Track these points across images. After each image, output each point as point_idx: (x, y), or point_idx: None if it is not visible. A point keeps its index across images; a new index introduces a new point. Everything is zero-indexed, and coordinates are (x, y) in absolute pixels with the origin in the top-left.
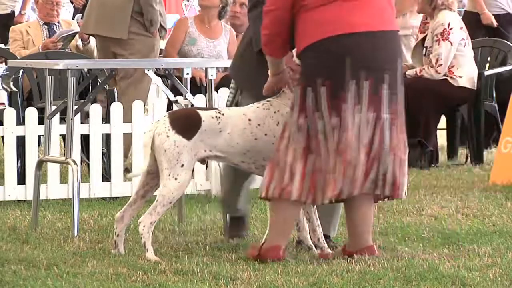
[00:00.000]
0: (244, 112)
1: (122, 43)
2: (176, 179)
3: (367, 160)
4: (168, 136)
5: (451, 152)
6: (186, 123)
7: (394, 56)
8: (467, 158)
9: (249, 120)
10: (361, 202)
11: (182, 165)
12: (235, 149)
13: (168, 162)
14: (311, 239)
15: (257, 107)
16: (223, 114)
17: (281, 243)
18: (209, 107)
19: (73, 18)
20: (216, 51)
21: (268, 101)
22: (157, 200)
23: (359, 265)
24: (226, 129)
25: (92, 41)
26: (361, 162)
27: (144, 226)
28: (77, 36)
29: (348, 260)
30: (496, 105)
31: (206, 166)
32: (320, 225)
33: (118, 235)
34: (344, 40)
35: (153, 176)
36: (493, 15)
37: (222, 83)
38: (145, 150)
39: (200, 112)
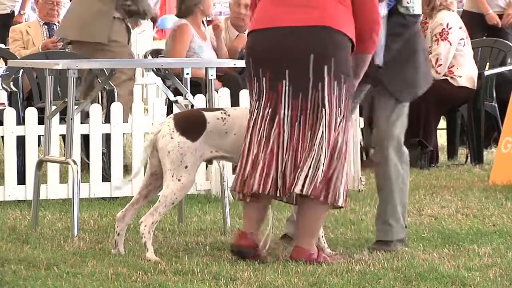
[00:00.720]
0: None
1: (101, 48)
2: (179, 180)
3: (269, 157)
4: (172, 138)
5: (451, 152)
6: (190, 125)
7: (301, 52)
8: (467, 158)
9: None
10: (303, 202)
11: (186, 167)
12: (241, 149)
13: (171, 164)
14: None
15: None
16: (228, 115)
17: (247, 229)
18: (215, 107)
19: None
20: (212, 52)
21: None
22: (159, 201)
23: (359, 265)
24: (233, 130)
25: None
26: (261, 158)
27: (145, 226)
28: None
29: (348, 260)
30: (496, 105)
31: (206, 166)
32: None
33: (118, 234)
34: (251, 36)
35: (157, 177)
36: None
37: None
38: (145, 152)
39: (205, 113)
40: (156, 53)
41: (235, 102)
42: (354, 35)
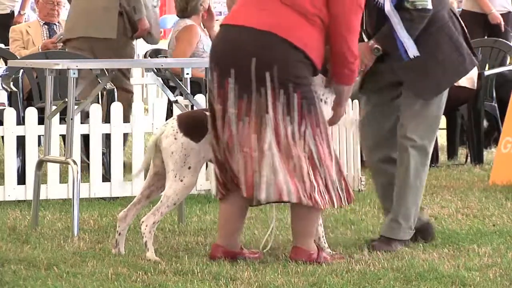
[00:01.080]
0: None
1: (110, 43)
2: (182, 180)
3: (223, 156)
4: (176, 139)
5: (451, 152)
6: (194, 126)
7: (246, 53)
8: (467, 158)
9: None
10: (294, 206)
11: (189, 167)
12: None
13: (174, 164)
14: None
15: None
16: None
17: (220, 242)
18: None
19: None
20: None
21: None
22: (161, 201)
23: (359, 265)
24: None
25: None
26: (220, 157)
27: (146, 226)
28: None
29: (348, 260)
30: (496, 105)
31: (206, 166)
32: (322, 225)
33: (119, 234)
34: (218, 31)
35: (159, 177)
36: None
37: None
38: (148, 152)
39: (208, 114)
40: (156, 53)
41: None
42: (315, 53)
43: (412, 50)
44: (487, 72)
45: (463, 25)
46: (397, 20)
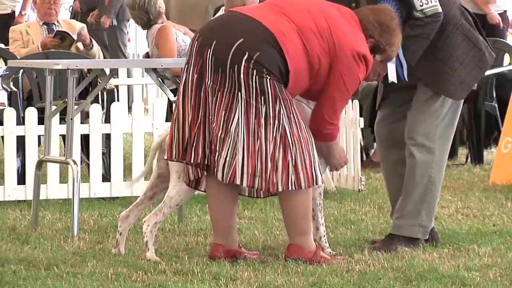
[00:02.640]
0: None
1: None
2: (185, 182)
3: (194, 129)
4: None
5: (451, 152)
6: None
7: (235, 32)
8: (467, 158)
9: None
10: (282, 195)
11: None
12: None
13: (179, 165)
14: (313, 237)
15: None
16: None
17: (217, 240)
18: None
19: (71, 18)
20: None
21: None
22: (164, 202)
23: (359, 265)
24: None
25: (95, 46)
26: (197, 126)
27: (148, 226)
28: (77, 38)
29: (348, 260)
30: (496, 105)
31: None
32: (324, 224)
33: (120, 234)
34: None
35: (163, 179)
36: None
37: None
38: (151, 154)
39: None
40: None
41: None
42: (295, 78)
43: (400, 76)
44: (487, 72)
45: (475, 18)
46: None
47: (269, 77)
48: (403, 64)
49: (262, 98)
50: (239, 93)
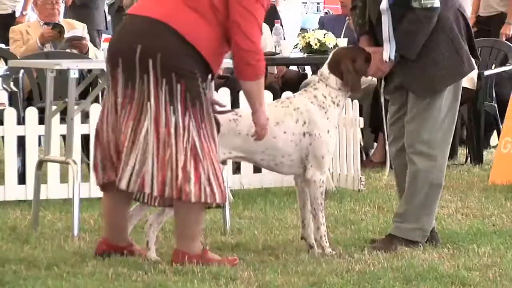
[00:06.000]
0: None
1: None
2: None
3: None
4: None
5: (451, 152)
6: None
7: (132, 41)
8: (467, 158)
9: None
10: (175, 205)
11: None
12: (254, 148)
13: None
14: (314, 236)
15: (275, 106)
16: (240, 116)
17: (104, 235)
18: (225, 110)
19: (64, 17)
20: None
21: (287, 98)
22: None
23: (359, 265)
24: (244, 130)
25: (92, 50)
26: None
27: (150, 225)
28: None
29: (348, 260)
30: (496, 105)
31: None
32: (325, 224)
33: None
34: None
35: None
36: (487, 16)
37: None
38: None
39: (217, 116)
40: None
41: (234, 102)
42: (209, 52)
43: (389, 53)
44: (487, 72)
45: (470, 26)
46: (387, 20)
47: (179, 85)
48: (392, 45)
49: (172, 108)
50: (149, 103)
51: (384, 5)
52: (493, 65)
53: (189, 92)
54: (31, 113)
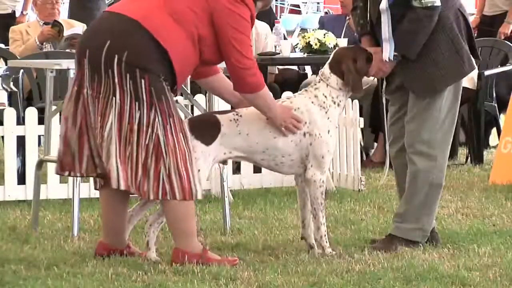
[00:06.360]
0: None
1: None
2: None
3: (79, 135)
4: None
5: (451, 152)
6: (206, 129)
7: (102, 35)
8: (467, 158)
9: (267, 118)
10: (162, 203)
11: (198, 170)
12: (254, 148)
13: None
14: (314, 236)
15: None
16: (240, 116)
17: (102, 238)
18: (226, 110)
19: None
20: None
21: (288, 98)
22: None
23: (359, 265)
24: (245, 130)
25: None
26: (71, 137)
27: (150, 225)
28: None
29: (348, 260)
30: (496, 105)
31: None
32: (325, 224)
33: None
34: None
35: None
36: (492, 15)
37: None
38: None
39: (218, 116)
40: None
41: None
42: (179, 61)
43: (388, 53)
44: (487, 72)
45: (470, 26)
46: (387, 20)
47: (143, 80)
48: (391, 44)
49: (137, 103)
50: (114, 98)
51: (383, 5)
52: (498, 65)
53: (153, 87)
54: (31, 113)
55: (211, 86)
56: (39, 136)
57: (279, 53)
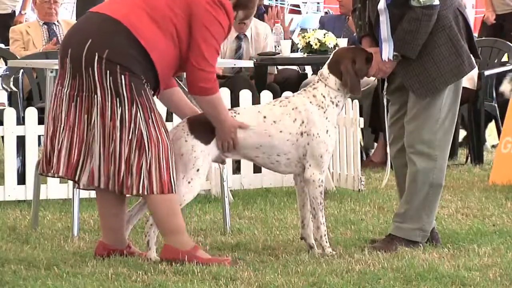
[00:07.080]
0: (259, 109)
1: None
2: (189, 182)
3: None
4: (186, 141)
5: (451, 152)
6: (204, 128)
7: (84, 34)
8: (467, 158)
9: (264, 117)
10: (146, 197)
11: (198, 170)
12: (250, 145)
13: (183, 166)
14: (314, 236)
15: (274, 105)
16: (238, 114)
17: (102, 238)
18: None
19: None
20: None
21: (286, 98)
22: None
23: (359, 265)
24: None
25: None
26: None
27: (151, 225)
28: None
29: (348, 260)
30: (496, 105)
31: None
32: (325, 223)
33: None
34: None
35: None
36: (501, 14)
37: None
38: None
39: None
40: None
41: (235, 102)
42: (160, 62)
43: (387, 53)
44: (487, 72)
45: (470, 26)
46: (385, 20)
47: (124, 76)
48: (390, 44)
49: (118, 100)
50: (95, 96)
51: (381, 5)
52: (500, 65)
53: (133, 82)
54: (31, 113)
55: (167, 99)
56: (39, 136)
57: (279, 53)
